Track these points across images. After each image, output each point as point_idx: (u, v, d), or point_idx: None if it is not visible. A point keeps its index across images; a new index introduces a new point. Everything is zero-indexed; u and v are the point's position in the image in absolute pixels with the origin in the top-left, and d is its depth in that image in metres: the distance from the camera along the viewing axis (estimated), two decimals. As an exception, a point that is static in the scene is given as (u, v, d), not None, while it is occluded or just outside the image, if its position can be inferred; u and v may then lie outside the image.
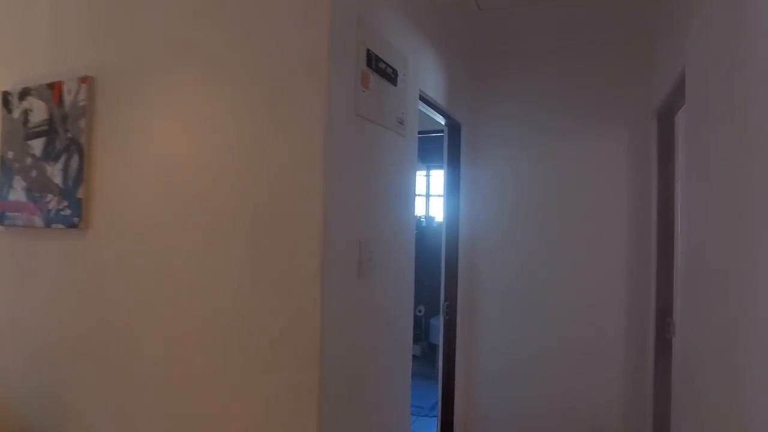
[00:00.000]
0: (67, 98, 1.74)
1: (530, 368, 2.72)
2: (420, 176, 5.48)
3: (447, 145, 2.70)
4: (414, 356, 4.75)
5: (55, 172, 1.77)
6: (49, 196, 1.77)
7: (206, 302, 1.46)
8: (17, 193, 1.85)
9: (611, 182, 2.61)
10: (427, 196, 5.52)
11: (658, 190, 2.31)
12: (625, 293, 2.57)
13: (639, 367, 2.49)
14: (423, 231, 4.97)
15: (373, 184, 1.56)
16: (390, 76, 1.63)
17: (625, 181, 2.58)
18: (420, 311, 4.71)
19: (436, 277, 2.73)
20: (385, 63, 1.59)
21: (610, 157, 2.62)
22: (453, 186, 2.71)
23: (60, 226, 1.74)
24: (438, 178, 5.30)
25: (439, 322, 2.76)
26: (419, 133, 2.04)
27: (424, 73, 2.06)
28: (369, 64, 1.50)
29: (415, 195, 1.94)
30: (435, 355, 3.89)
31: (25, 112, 1.84)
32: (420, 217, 5.24)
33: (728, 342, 1.15)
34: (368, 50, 1.49)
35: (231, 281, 1.42)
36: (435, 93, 2.21)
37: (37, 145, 1.81)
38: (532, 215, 2.75)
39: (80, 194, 1.71)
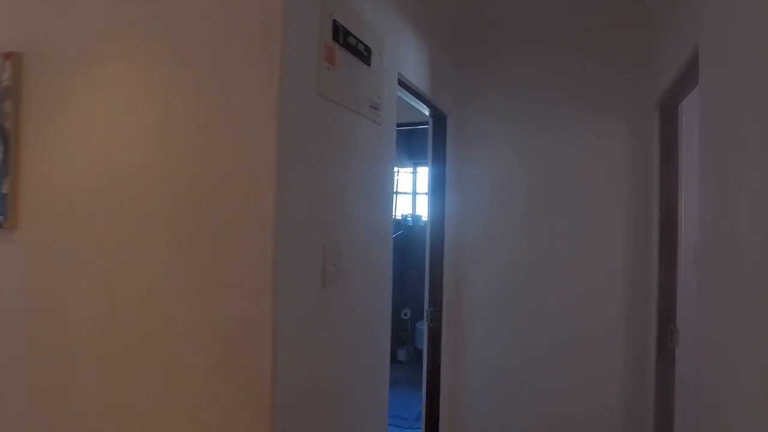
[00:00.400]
0: (-10, 78, 1.51)
1: (521, 378, 2.53)
2: (406, 173, 5.28)
3: (432, 138, 2.50)
4: (399, 362, 4.55)
5: (-23, 163, 1.53)
6: (-29, 191, 1.54)
7: (147, 316, 1.24)
8: (-63, 187, 1.61)
9: (609, 179, 2.42)
10: (414, 194, 5.31)
11: (660, 187, 2.12)
12: (623, 297, 2.38)
13: (639, 377, 2.31)
14: (409, 230, 4.77)
15: (341, 177, 1.35)
16: (362, 53, 1.42)
17: (624, 177, 2.39)
18: (406, 314, 4.50)
19: (423, 278, 2.53)
20: (356, 38, 1.38)
21: (607, 152, 2.43)
22: (438, 182, 2.51)
23: (-17, 225, 1.51)
24: (425, 175, 5.10)
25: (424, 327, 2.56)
26: (404, 125, 1.84)
27: (405, 56, 1.85)
28: (335, 37, 1.28)
29: (393, 190, 1.73)
30: (421, 359, 3.70)
31: (-55, 95, 1.60)
32: (406, 215, 5.04)
33: (760, 351, 0.96)
34: (335, 21, 1.28)
35: (172, 292, 1.20)
36: (417, 79, 2.00)
37: (-42, 133, 1.57)
38: (524, 215, 2.56)
39: (5, 189, 1.48)
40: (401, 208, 5.27)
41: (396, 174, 5.29)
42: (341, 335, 1.38)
